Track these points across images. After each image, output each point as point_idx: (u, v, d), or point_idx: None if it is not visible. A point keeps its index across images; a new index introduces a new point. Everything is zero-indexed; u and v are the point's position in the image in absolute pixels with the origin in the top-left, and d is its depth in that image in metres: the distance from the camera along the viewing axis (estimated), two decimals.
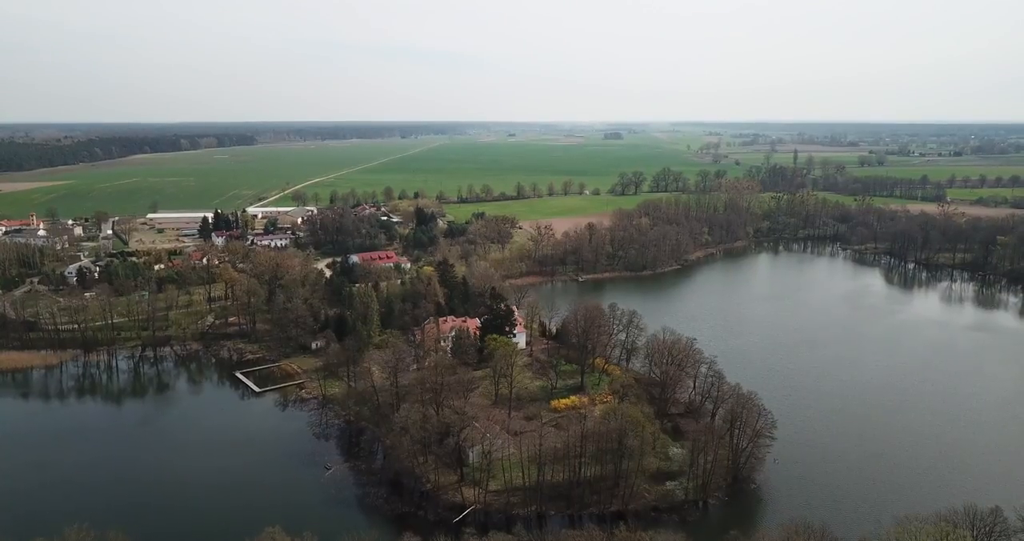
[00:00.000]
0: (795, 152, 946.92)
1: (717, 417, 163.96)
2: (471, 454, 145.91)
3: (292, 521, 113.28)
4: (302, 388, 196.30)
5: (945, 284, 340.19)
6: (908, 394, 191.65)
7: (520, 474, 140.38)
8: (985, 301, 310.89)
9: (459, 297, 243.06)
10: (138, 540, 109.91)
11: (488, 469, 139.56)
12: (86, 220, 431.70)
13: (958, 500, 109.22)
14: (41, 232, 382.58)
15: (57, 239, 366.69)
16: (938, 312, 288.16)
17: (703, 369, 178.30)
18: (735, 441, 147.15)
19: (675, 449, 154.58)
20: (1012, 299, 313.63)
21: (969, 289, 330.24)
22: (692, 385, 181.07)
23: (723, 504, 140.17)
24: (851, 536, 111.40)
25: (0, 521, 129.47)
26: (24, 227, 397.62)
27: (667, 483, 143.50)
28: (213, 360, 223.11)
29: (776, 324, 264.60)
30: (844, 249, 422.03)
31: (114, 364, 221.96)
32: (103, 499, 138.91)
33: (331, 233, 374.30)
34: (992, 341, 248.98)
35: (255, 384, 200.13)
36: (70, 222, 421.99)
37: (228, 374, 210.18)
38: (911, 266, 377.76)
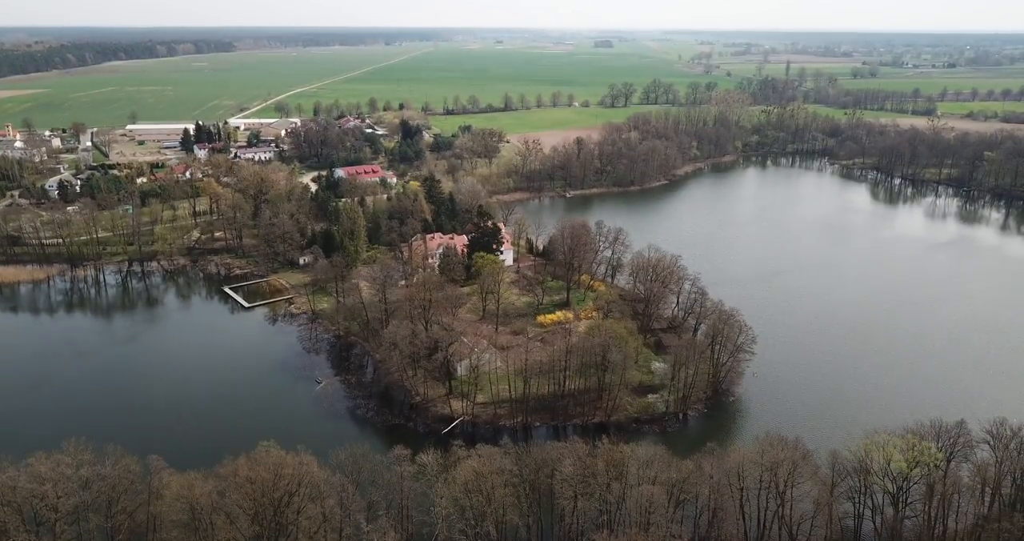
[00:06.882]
0: (787, 63, 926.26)
1: (699, 333, 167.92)
2: (459, 368, 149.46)
3: (284, 433, 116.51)
4: (291, 303, 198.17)
5: (930, 199, 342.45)
6: (885, 314, 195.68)
7: (507, 387, 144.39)
8: (967, 217, 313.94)
9: (446, 214, 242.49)
10: (135, 453, 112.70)
11: (476, 382, 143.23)
12: (63, 131, 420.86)
13: (926, 415, 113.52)
14: (18, 144, 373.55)
15: (35, 151, 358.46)
16: (920, 229, 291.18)
17: (686, 286, 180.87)
18: (716, 356, 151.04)
19: (657, 363, 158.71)
20: (994, 214, 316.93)
21: (953, 205, 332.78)
22: (676, 301, 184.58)
23: (702, 416, 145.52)
24: (823, 448, 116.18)
25: None
26: (0, 138, 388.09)
27: (649, 396, 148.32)
28: (201, 275, 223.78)
29: (760, 243, 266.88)
30: (832, 164, 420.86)
31: (102, 279, 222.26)
32: (98, 413, 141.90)
33: (315, 146, 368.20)
34: (969, 258, 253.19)
35: (244, 299, 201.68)
36: (47, 133, 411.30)
37: (216, 289, 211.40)
38: (897, 181, 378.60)
